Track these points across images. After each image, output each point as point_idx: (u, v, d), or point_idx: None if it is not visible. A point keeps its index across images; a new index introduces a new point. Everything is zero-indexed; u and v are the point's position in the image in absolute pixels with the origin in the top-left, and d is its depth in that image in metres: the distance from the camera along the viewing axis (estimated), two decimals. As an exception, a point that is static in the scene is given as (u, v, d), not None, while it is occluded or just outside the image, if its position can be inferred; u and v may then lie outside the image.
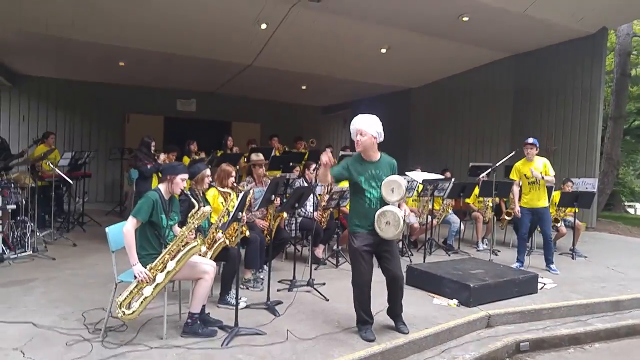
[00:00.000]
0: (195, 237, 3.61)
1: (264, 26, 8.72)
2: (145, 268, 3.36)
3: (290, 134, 11.24)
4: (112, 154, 10.57)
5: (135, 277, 3.34)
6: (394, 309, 3.79)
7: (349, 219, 3.73)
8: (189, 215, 3.57)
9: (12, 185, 6.00)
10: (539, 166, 6.08)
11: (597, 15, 9.04)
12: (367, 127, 3.48)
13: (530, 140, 6.15)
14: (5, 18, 8.19)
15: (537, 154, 6.17)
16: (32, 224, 6.20)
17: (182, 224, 3.75)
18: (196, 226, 3.58)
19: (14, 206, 5.89)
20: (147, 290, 3.32)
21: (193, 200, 3.63)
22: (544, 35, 9.70)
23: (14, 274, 5.11)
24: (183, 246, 3.42)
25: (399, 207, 3.52)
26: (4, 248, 5.64)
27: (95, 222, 8.37)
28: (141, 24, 8.67)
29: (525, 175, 6.13)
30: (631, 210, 22.67)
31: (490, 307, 4.41)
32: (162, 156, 6.73)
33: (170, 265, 3.37)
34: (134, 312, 3.29)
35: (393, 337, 3.60)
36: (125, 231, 3.38)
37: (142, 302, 3.31)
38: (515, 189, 6.35)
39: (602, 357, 4.08)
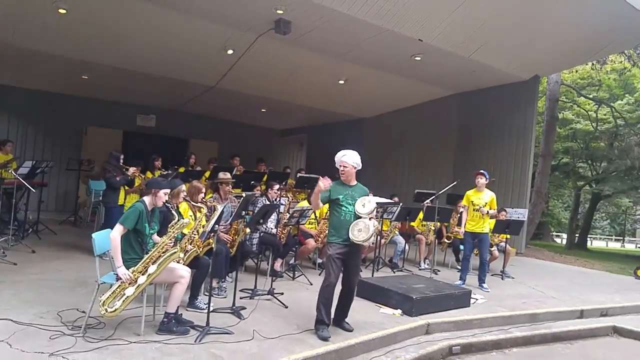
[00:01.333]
0: (174, 245, 4.01)
1: (230, 52, 9.17)
2: (128, 271, 3.72)
3: (248, 154, 11.58)
4: (70, 164, 10.57)
5: (119, 278, 3.70)
6: (344, 313, 4.46)
7: (328, 231, 4.45)
8: (170, 225, 3.99)
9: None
10: (486, 198, 6.81)
11: (531, 65, 10.20)
12: (349, 160, 4.35)
13: (482, 170, 6.98)
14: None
15: (486, 186, 6.91)
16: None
17: (159, 233, 4.15)
18: (175, 235, 3.99)
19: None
20: (129, 291, 3.68)
21: (174, 212, 4.05)
22: (487, 78, 10.69)
23: (-23, 277, 5.15)
24: (163, 252, 3.82)
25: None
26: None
27: (50, 231, 8.41)
28: (108, 40, 8.84)
29: (472, 202, 6.85)
30: (558, 240, 24.55)
31: (429, 317, 5.03)
32: (132, 169, 6.89)
33: (152, 268, 3.75)
34: (115, 309, 3.64)
35: (346, 338, 4.13)
36: (112, 237, 3.76)
37: (124, 301, 3.66)
38: (465, 213, 7.04)
39: (518, 359, 4.75)
